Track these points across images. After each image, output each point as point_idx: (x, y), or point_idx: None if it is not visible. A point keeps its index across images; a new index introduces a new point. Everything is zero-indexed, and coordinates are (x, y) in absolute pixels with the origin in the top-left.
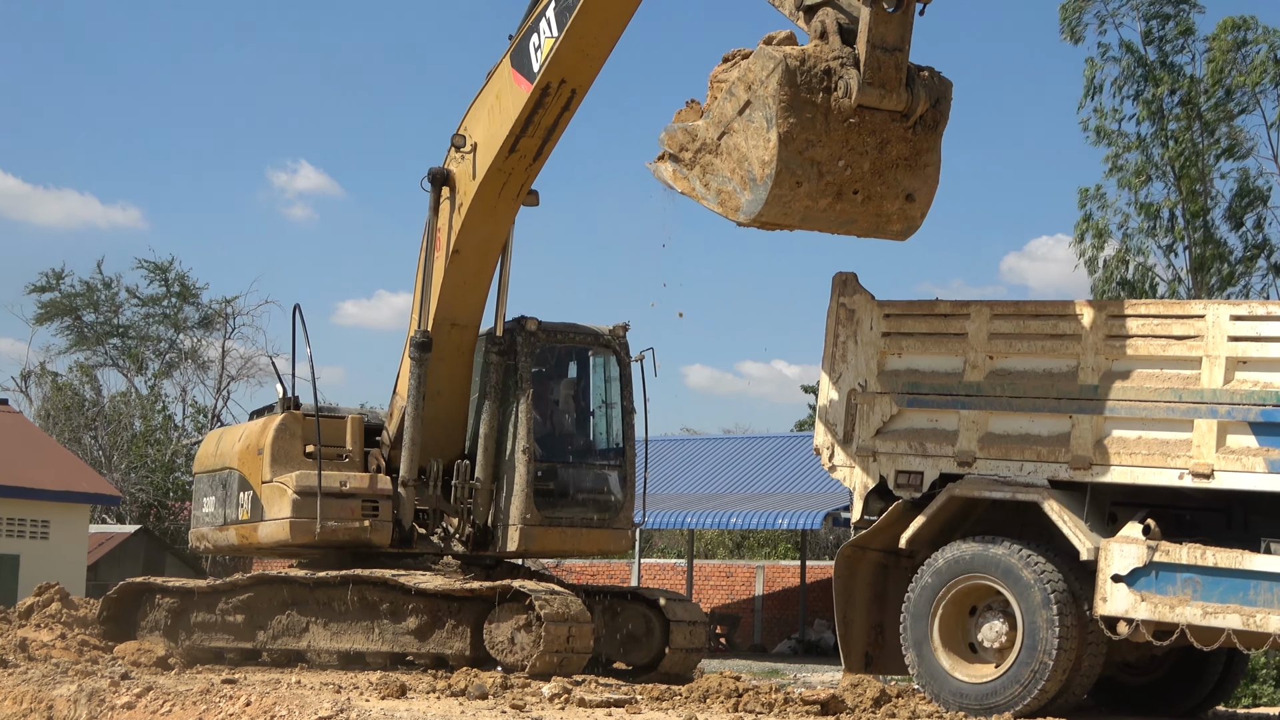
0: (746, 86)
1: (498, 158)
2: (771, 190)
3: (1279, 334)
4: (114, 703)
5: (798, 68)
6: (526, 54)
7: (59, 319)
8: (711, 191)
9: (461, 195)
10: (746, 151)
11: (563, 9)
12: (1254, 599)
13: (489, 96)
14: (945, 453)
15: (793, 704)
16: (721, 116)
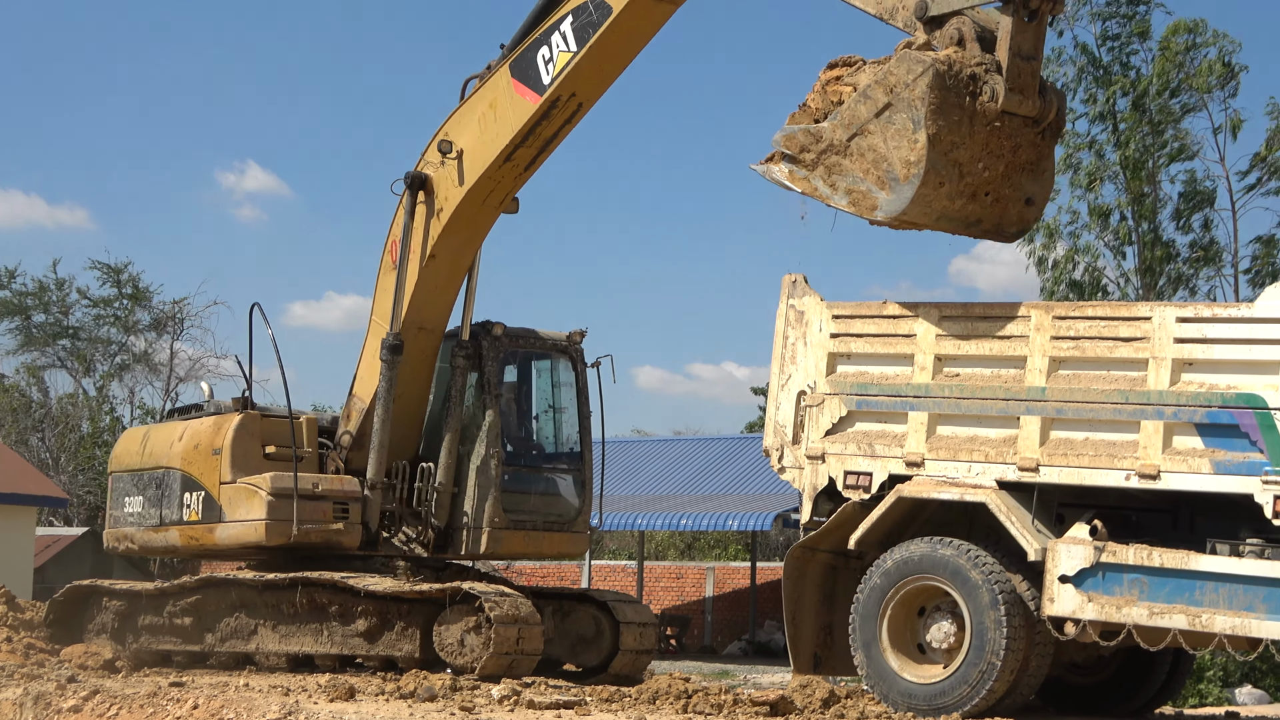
0: (888, 90)
1: (491, 166)
2: (917, 190)
3: (1224, 336)
4: (60, 706)
5: (946, 71)
6: (534, 66)
7: (8, 319)
8: (839, 191)
9: (441, 201)
10: (886, 152)
11: (584, 25)
12: (1200, 599)
13: (480, 104)
14: (894, 454)
15: (742, 705)
16: (853, 119)
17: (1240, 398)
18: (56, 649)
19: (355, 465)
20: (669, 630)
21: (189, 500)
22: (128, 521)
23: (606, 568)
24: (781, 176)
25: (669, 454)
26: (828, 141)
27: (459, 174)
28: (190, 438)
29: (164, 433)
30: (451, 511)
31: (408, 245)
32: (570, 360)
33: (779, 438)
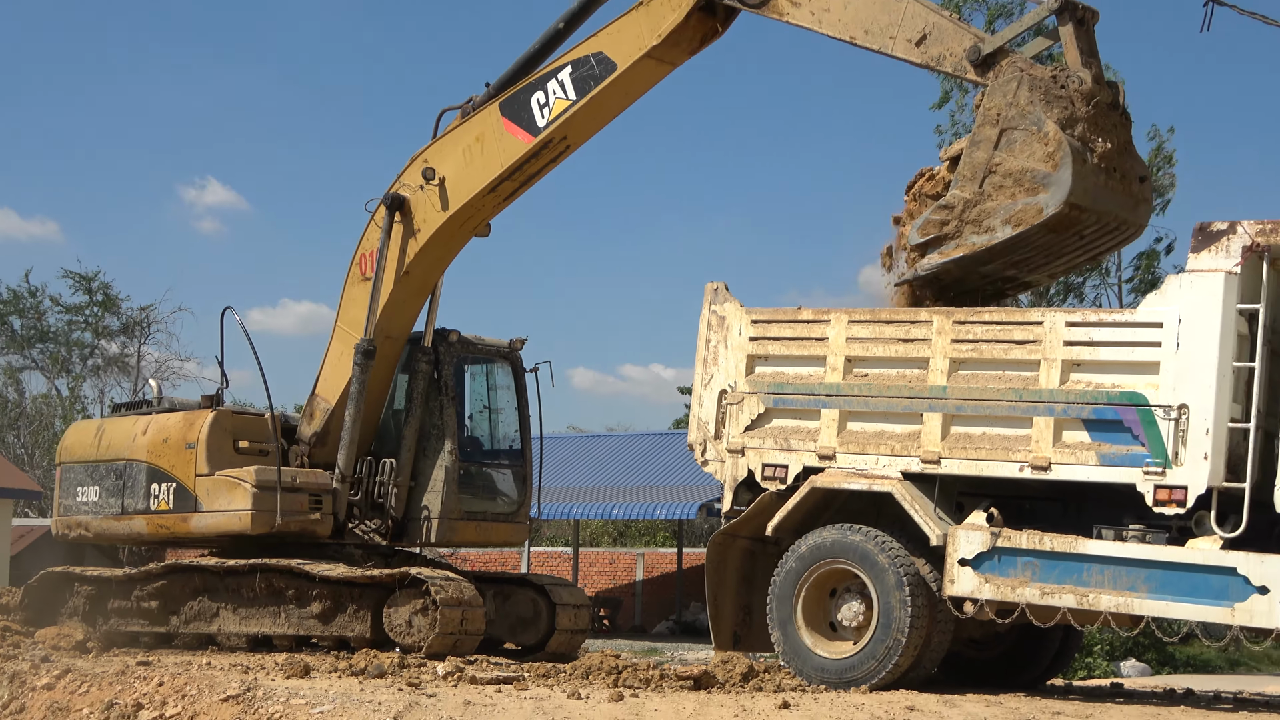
0: (993, 121)
1: (476, 195)
2: (1072, 169)
3: (1109, 339)
4: (34, 684)
5: (1036, 76)
6: (527, 108)
7: None
8: (998, 227)
9: (420, 222)
10: (1023, 166)
11: (585, 76)
12: (1087, 580)
13: (465, 137)
14: (808, 448)
15: (668, 680)
16: (976, 166)
17: (1123, 395)
18: (31, 631)
19: (318, 460)
20: (602, 611)
21: (157, 491)
22: (81, 510)
23: (544, 554)
24: (939, 260)
25: (602, 449)
26: (961, 202)
27: (441, 199)
28: (157, 432)
29: (121, 426)
30: (409, 503)
31: (384, 260)
32: (511, 365)
33: (702, 433)
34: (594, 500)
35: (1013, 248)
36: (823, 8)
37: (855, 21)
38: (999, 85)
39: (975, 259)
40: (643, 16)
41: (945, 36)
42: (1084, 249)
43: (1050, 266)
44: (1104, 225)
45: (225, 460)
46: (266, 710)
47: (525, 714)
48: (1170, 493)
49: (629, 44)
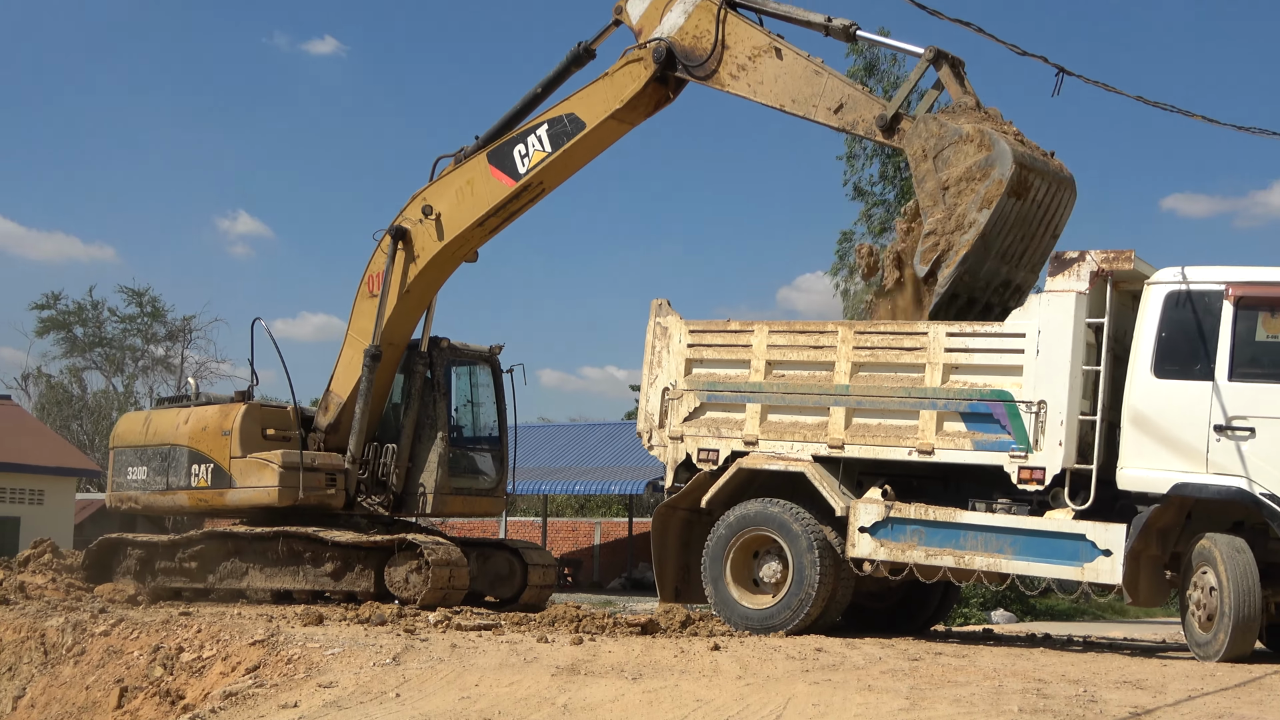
0: (923, 156)
1: (467, 228)
2: (1002, 141)
3: (981, 347)
4: (94, 631)
5: (931, 114)
6: (510, 158)
7: (55, 332)
8: (976, 215)
9: (419, 250)
10: (965, 166)
11: (559, 133)
12: (963, 544)
13: (458, 179)
14: (735, 435)
15: (620, 627)
16: (932, 192)
17: (993, 393)
18: (91, 587)
19: (332, 445)
20: (566, 570)
21: (197, 470)
22: (131, 486)
23: (518, 523)
24: (949, 272)
25: (566, 436)
26: (938, 222)
27: (438, 231)
28: (197, 421)
29: (166, 417)
30: (407, 481)
31: (388, 281)
32: (491, 367)
33: (649, 423)
34: (559, 478)
35: (995, 230)
36: (757, 80)
37: (784, 92)
38: (911, 134)
39: (975, 257)
40: (608, 85)
41: (858, 106)
42: (1045, 219)
43: (1029, 253)
44: (1049, 185)
45: (255, 445)
46: (287, 652)
47: (502, 655)
48: (1031, 473)
49: (596, 107)
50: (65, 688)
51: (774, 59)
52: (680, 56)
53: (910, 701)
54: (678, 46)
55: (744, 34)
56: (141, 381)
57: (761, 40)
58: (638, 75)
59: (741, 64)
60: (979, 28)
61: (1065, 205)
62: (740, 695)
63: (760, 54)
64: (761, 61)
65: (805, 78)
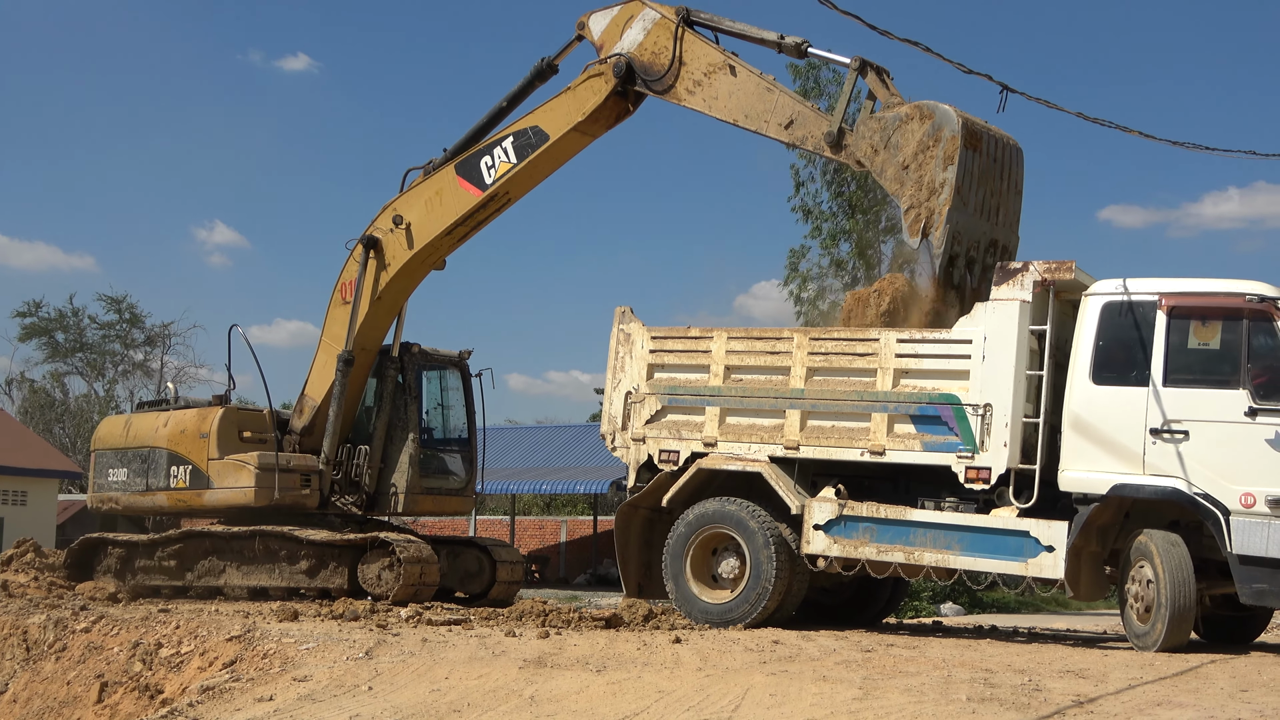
0: (874, 150)
1: (436, 237)
2: (941, 106)
3: (930, 353)
4: (75, 628)
5: (871, 109)
6: (477, 169)
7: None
8: (943, 175)
9: (390, 258)
10: (915, 141)
11: (524, 144)
12: (913, 541)
13: (427, 190)
14: (695, 437)
15: (585, 621)
16: (896, 175)
17: (941, 396)
18: (72, 585)
19: (306, 447)
20: (533, 566)
21: (175, 471)
22: (112, 488)
23: (487, 521)
24: (940, 233)
25: (533, 438)
26: (910, 196)
27: (408, 240)
28: (176, 424)
29: (145, 420)
30: (379, 481)
31: (360, 289)
32: (460, 371)
33: (612, 425)
34: (526, 478)
35: (965, 183)
36: (712, 96)
37: (738, 108)
38: (856, 139)
39: (957, 212)
40: (570, 98)
41: (807, 122)
42: (1003, 174)
43: (1002, 211)
44: (997, 141)
45: (232, 447)
46: (263, 647)
47: (471, 649)
48: (978, 473)
49: (559, 120)
50: (47, 683)
51: (728, 76)
52: (639, 71)
53: (863, 691)
54: (637, 62)
55: (700, 51)
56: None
57: (716, 58)
58: (599, 89)
59: (697, 80)
60: (926, 47)
61: (1017, 163)
62: (700, 686)
63: (715, 71)
64: (716, 78)
65: (758, 94)
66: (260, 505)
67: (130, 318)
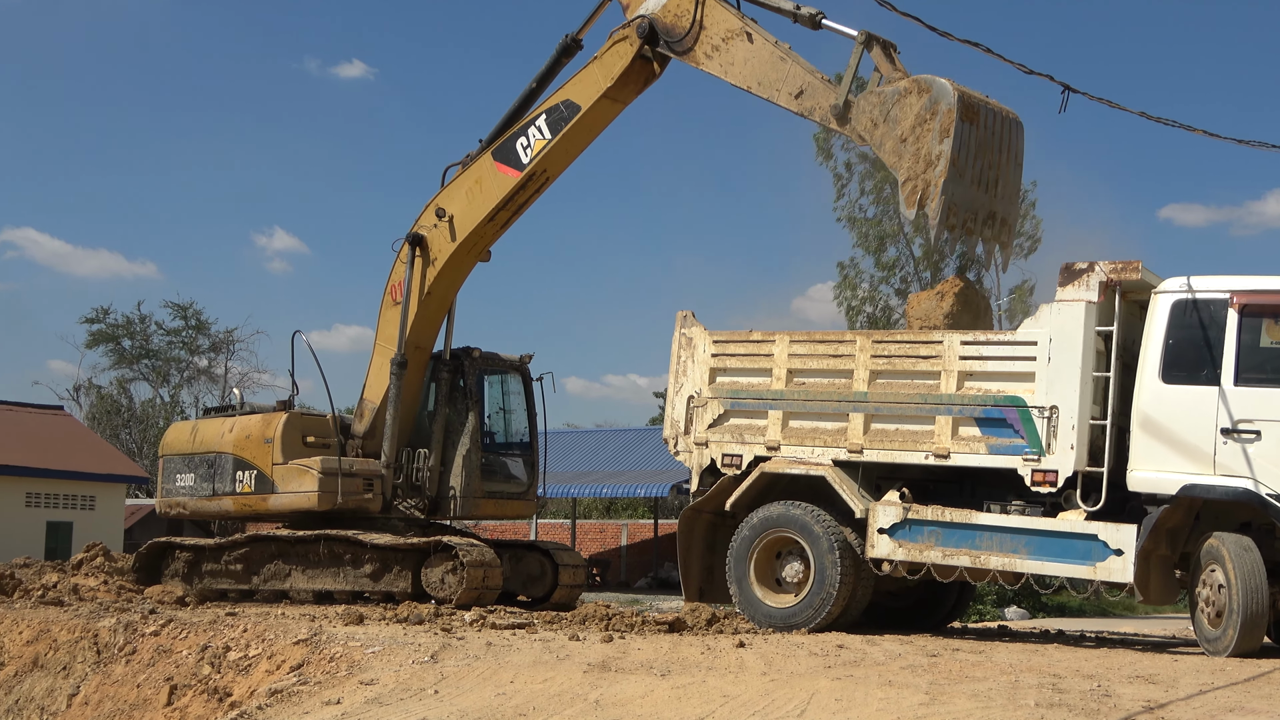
0: (873, 124)
1: (478, 225)
2: (938, 79)
3: (995, 355)
4: (144, 631)
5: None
6: (513, 151)
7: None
8: (939, 148)
9: (435, 252)
10: (913, 114)
11: (557, 119)
12: (979, 544)
13: (467, 180)
14: (758, 441)
15: (649, 624)
16: (895, 149)
17: (1006, 399)
18: (141, 589)
19: (368, 451)
20: (594, 570)
21: (241, 476)
22: (180, 493)
23: (548, 525)
24: (936, 206)
25: (592, 441)
26: (908, 169)
27: (451, 232)
28: (241, 430)
29: (211, 426)
30: (439, 485)
31: (409, 287)
32: (522, 376)
33: (674, 430)
34: (587, 482)
35: (961, 155)
36: (729, 62)
37: (751, 75)
38: (857, 113)
39: (952, 184)
40: (598, 67)
41: (816, 93)
42: (1003, 146)
43: (1001, 183)
44: (995, 114)
45: (296, 452)
46: (329, 651)
47: (535, 653)
48: (1044, 475)
49: (589, 89)
50: (117, 686)
51: (745, 42)
52: (661, 33)
53: (930, 696)
54: (660, 23)
55: (719, 17)
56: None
57: (734, 24)
58: (624, 53)
59: (715, 45)
60: (987, 48)
61: (1017, 136)
62: (765, 690)
63: (733, 37)
64: (733, 44)
65: (771, 63)
66: (324, 509)
67: (196, 324)
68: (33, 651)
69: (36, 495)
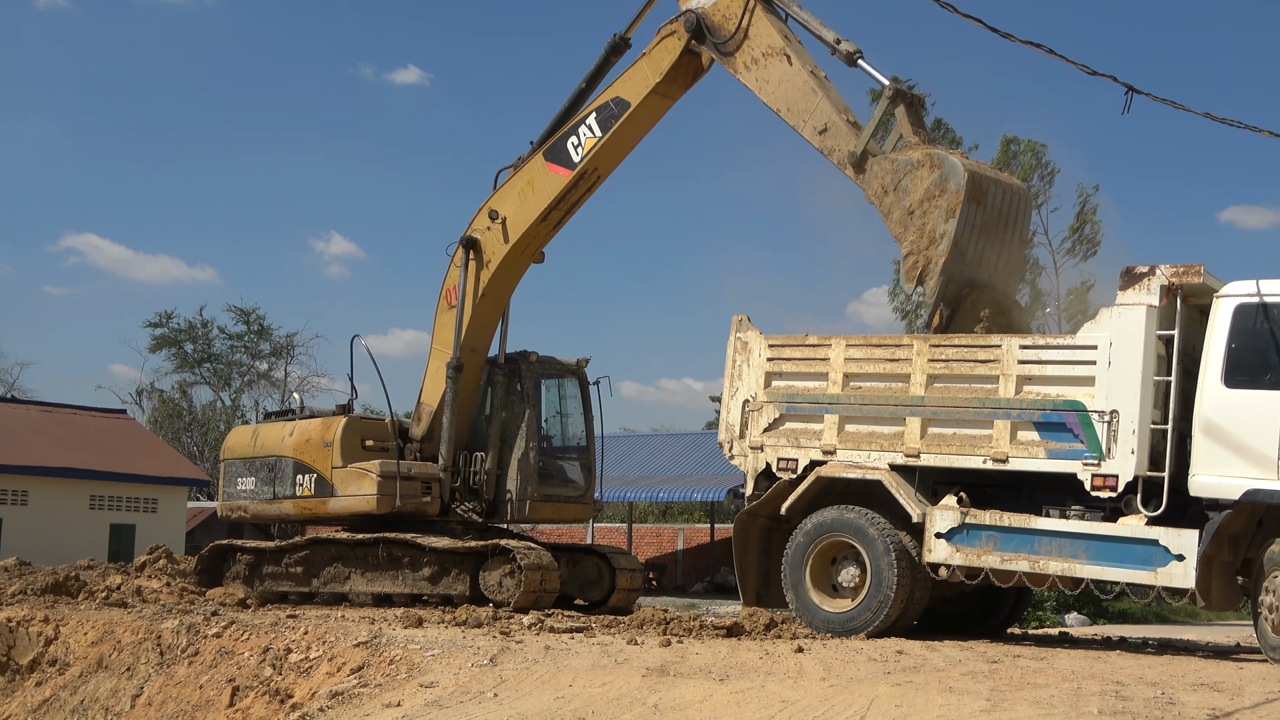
0: (885, 190)
1: (531, 225)
2: (951, 156)
3: (1054, 359)
4: (206, 633)
5: (880, 156)
6: (564, 150)
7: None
8: (943, 226)
9: (489, 255)
10: (923, 188)
11: (607, 117)
12: (1038, 549)
13: (519, 182)
14: (814, 445)
15: (706, 629)
16: (901, 220)
17: (1066, 403)
18: (203, 591)
19: (426, 455)
20: (651, 574)
21: (301, 480)
22: (241, 496)
23: (604, 529)
24: (935, 282)
25: (649, 446)
26: (911, 243)
27: (504, 234)
28: (301, 434)
29: (272, 430)
30: (497, 488)
31: (464, 290)
32: (579, 380)
33: (730, 434)
34: (644, 486)
35: (965, 236)
36: (764, 79)
37: (782, 99)
38: (869, 176)
39: (953, 263)
40: (647, 63)
41: (839, 135)
42: (1008, 224)
43: (1004, 259)
44: (1005, 191)
45: (355, 455)
46: (389, 653)
47: (594, 656)
48: (1104, 480)
49: (638, 85)
50: (180, 687)
51: (783, 63)
52: (708, 31)
53: (991, 703)
54: (708, 20)
55: (764, 30)
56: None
57: (777, 42)
58: (672, 48)
59: (755, 58)
60: (1050, 49)
61: (1025, 210)
62: (825, 696)
63: (773, 55)
64: (772, 62)
65: (803, 92)
66: (382, 512)
67: (259, 329)
68: (97, 652)
69: (100, 498)
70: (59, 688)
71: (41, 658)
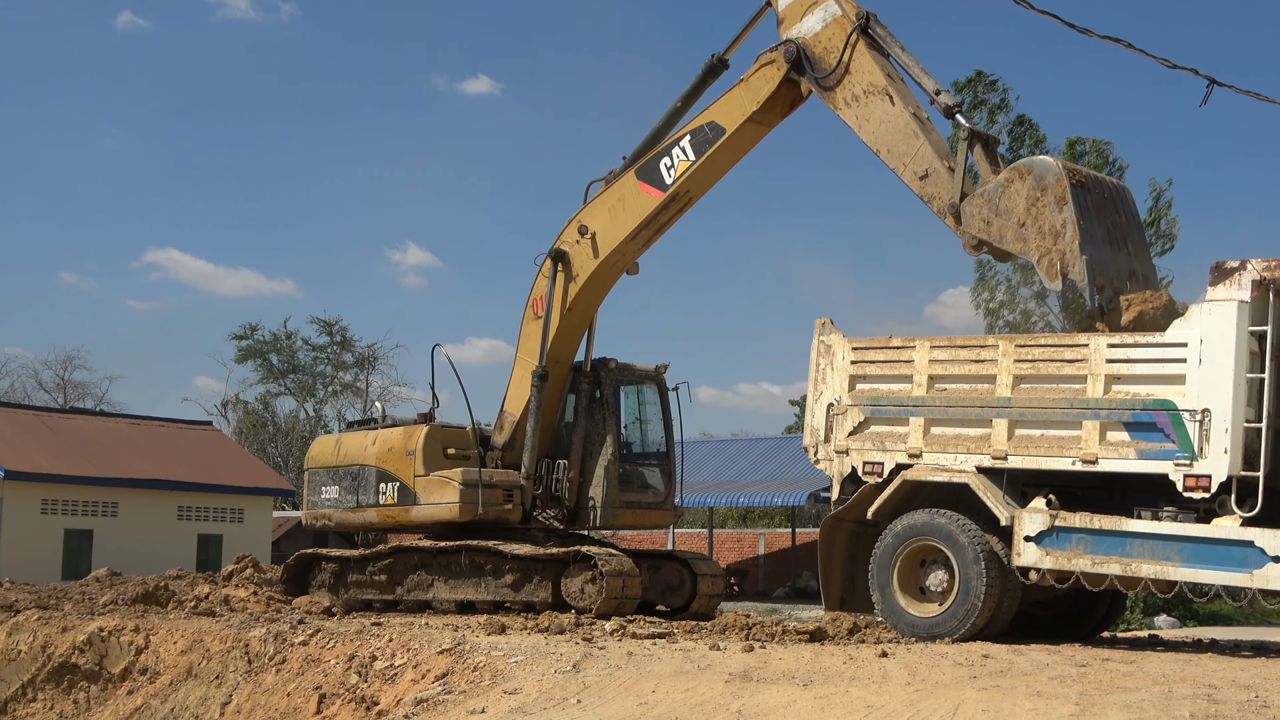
0: (987, 221)
1: (621, 243)
2: (1033, 157)
3: (1143, 358)
4: (293, 641)
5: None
6: (657, 171)
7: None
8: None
9: (577, 268)
10: (1023, 197)
11: (702, 141)
12: (1130, 552)
13: (610, 198)
14: (899, 448)
15: (789, 634)
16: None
17: (1156, 402)
18: (289, 599)
19: (508, 462)
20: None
21: (384, 489)
22: (325, 505)
23: (685, 534)
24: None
25: (729, 451)
26: (1037, 247)
27: (594, 249)
28: (383, 443)
29: (355, 440)
30: (578, 495)
31: (551, 302)
32: (658, 386)
33: (814, 438)
34: (724, 491)
35: (1086, 217)
36: (864, 117)
37: (883, 139)
38: (966, 222)
39: (1088, 244)
40: (744, 90)
41: (939, 182)
42: (1118, 208)
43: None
44: (1102, 181)
45: (437, 464)
46: (473, 660)
47: (676, 662)
48: (1197, 480)
49: (735, 112)
50: (268, 694)
51: (885, 103)
52: (808, 63)
53: (1080, 707)
54: (808, 51)
55: (866, 66)
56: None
57: (879, 80)
58: (771, 77)
59: (856, 95)
60: (1129, 44)
61: (1128, 199)
62: (910, 701)
63: (875, 93)
64: (873, 100)
65: (905, 135)
66: (465, 520)
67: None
68: (187, 661)
69: (187, 509)
70: (150, 696)
71: (132, 666)
